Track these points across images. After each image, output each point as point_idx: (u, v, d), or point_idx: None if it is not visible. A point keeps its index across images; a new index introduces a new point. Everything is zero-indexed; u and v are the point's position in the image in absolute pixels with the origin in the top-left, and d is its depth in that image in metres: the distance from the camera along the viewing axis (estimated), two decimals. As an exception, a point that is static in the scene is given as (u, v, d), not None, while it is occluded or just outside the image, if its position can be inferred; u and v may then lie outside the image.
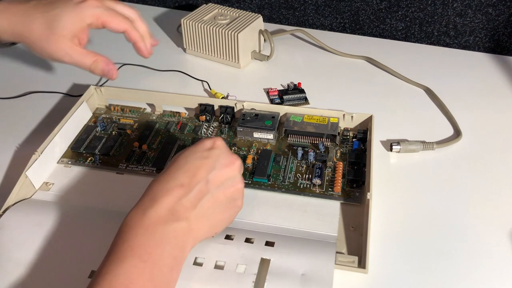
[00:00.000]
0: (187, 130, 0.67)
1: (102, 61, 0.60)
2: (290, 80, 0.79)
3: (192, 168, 0.44)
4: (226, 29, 0.78)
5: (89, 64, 0.59)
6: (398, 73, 0.78)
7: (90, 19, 0.58)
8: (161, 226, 0.41)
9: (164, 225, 0.41)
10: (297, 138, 0.64)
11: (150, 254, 0.39)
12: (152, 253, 0.39)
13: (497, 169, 0.62)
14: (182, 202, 0.42)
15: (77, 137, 0.65)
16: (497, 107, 0.72)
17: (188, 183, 0.43)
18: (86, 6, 0.57)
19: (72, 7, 0.56)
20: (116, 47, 0.88)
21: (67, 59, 0.58)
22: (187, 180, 0.43)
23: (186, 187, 0.43)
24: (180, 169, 0.44)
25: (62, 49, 0.56)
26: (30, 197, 0.57)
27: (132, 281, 0.37)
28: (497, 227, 0.54)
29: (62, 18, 0.56)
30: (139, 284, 0.37)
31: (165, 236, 0.40)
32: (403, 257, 0.51)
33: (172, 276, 0.40)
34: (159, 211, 0.41)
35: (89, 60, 0.59)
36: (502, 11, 0.82)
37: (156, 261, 0.39)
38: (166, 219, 0.41)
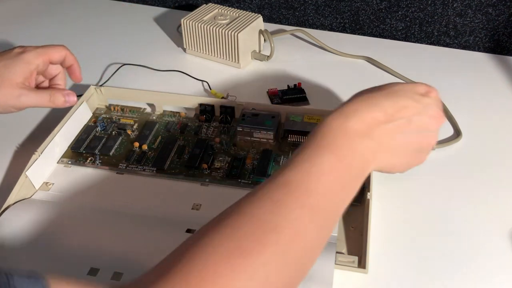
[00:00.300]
0: (187, 130, 0.67)
1: (58, 92, 0.59)
2: (290, 80, 0.79)
3: (400, 103, 0.45)
4: (226, 29, 0.78)
5: (48, 98, 0.58)
6: (398, 73, 0.78)
7: (36, 60, 0.59)
8: (357, 138, 0.42)
9: (361, 138, 0.43)
10: (297, 138, 0.64)
11: (345, 157, 0.41)
12: (347, 156, 0.41)
13: (497, 169, 0.62)
14: (381, 127, 0.44)
15: (77, 137, 0.65)
16: (497, 107, 0.72)
17: (391, 114, 0.45)
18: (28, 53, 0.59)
19: (15, 57, 0.58)
20: (116, 47, 0.88)
21: (24, 100, 0.56)
22: (391, 111, 0.45)
23: (389, 116, 0.44)
24: (389, 98, 0.46)
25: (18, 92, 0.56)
26: (30, 197, 0.57)
27: (324, 173, 0.40)
28: (497, 227, 0.54)
29: (10, 66, 0.57)
30: (329, 179, 0.40)
31: (357, 148, 0.42)
32: (403, 257, 0.51)
33: (352, 187, 0.42)
34: (360, 124, 0.43)
35: (47, 94, 0.58)
36: (502, 11, 0.82)
37: (347, 165, 0.41)
38: (363, 134, 0.43)
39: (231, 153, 0.63)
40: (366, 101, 0.45)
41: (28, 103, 0.57)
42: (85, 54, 0.86)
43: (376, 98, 0.45)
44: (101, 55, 0.85)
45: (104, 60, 0.84)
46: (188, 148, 0.64)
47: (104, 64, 0.83)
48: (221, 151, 0.64)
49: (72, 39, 0.90)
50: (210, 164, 0.61)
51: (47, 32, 0.92)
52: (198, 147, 0.63)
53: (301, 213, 0.38)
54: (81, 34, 0.92)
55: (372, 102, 0.45)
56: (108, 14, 0.98)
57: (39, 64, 0.59)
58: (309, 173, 0.40)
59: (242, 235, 0.36)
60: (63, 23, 0.95)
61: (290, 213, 0.37)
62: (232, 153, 0.63)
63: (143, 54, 0.85)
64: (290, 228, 0.37)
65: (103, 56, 0.85)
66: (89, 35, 0.92)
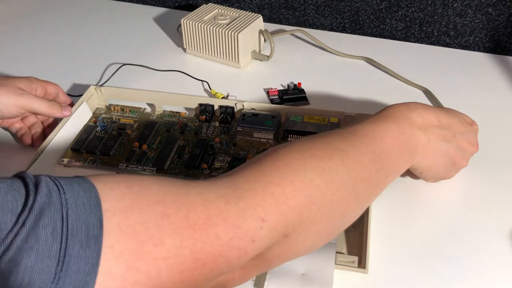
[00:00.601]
0: (187, 130, 0.67)
1: (57, 103, 0.64)
2: (290, 80, 0.79)
3: (451, 120, 0.53)
4: (226, 29, 0.78)
5: (47, 104, 0.62)
6: (397, 74, 0.78)
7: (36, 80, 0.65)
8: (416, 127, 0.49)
9: (418, 129, 0.49)
10: (297, 138, 0.64)
11: (405, 133, 0.48)
12: (406, 133, 0.48)
13: (497, 169, 0.62)
14: (434, 128, 0.51)
15: (77, 137, 0.65)
16: (497, 107, 0.72)
17: (443, 124, 0.52)
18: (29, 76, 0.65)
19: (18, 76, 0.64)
20: (116, 47, 0.88)
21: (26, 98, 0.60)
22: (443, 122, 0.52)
23: (441, 124, 0.52)
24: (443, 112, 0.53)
25: (21, 91, 0.60)
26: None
27: (387, 136, 0.47)
28: (497, 227, 0.54)
29: (14, 78, 0.62)
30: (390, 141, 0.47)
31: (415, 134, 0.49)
32: (403, 257, 0.51)
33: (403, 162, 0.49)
34: (419, 118, 0.50)
35: (46, 101, 0.62)
36: (502, 11, 0.82)
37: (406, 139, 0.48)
38: (420, 127, 0.50)
39: (231, 153, 0.63)
40: (424, 107, 0.51)
41: (29, 102, 0.60)
42: (85, 54, 0.86)
43: (432, 108, 0.52)
44: (101, 55, 0.85)
45: (104, 60, 0.84)
46: (188, 148, 0.64)
47: (104, 64, 0.83)
48: (221, 151, 0.64)
49: (72, 39, 0.90)
50: (210, 164, 0.61)
51: (47, 32, 0.92)
52: (198, 147, 0.63)
53: (365, 152, 0.44)
54: (81, 34, 0.92)
55: (429, 109, 0.52)
56: (108, 14, 0.98)
57: (39, 84, 0.64)
58: (375, 130, 0.46)
59: (315, 148, 0.42)
60: (63, 23, 0.95)
61: (356, 147, 0.44)
62: (232, 153, 0.63)
63: (143, 54, 0.85)
64: (355, 156, 0.43)
65: (103, 56, 0.85)
66: (89, 35, 0.92)
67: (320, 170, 0.40)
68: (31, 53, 0.87)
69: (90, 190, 0.32)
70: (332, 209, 0.41)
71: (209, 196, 0.35)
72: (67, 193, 0.31)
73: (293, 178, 0.39)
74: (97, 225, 0.31)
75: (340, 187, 0.41)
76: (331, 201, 0.40)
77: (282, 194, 0.37)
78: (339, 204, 0.41)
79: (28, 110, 0.61)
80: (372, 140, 0.46)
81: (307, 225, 0.39)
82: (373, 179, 0.45)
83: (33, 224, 0.29)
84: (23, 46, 0.88)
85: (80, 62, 0.84)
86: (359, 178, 0.43)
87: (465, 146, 0.54)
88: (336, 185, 0.41)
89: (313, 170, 0.40)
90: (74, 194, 0.31)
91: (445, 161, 0.53)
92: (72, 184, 0.32)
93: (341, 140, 0.44)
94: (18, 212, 0.29)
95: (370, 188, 0.45)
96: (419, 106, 0.51)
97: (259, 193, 0.37)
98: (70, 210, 0.30)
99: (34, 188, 0.31)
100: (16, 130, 0.64)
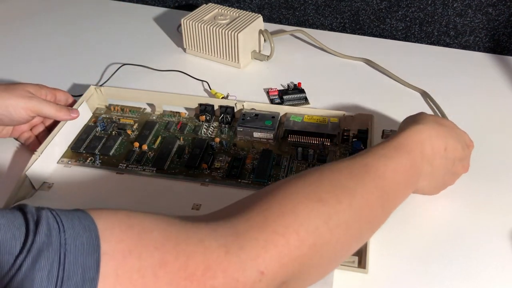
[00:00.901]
0: (187, 130, 0.67)
1: (64, 106, 0.64)
2: (290, 80, 0.79)
3: (456, 144, 0.53)
4: (226, 29, 0.78)
5: (55, 108, 0.61)
6: (396, 76, 0.78)
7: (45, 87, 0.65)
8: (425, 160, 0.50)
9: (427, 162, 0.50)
10: (297, 138, 0.64)
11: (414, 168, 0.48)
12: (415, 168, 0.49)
13: (497, 169, 0.62)
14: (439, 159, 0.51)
15: (77, 137, 0.65)
16: (497, 107, 0.72)
17: (448, 150, 0.52)
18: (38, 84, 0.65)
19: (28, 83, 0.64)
20: (116, 47, 0.88)
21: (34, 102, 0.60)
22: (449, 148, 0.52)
23: (445, 154, 0.51)
24: (451, 136, 0.52)
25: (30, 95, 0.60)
26: (30, 197, 0.57)
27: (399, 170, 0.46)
28: (497, 227, 0.54)
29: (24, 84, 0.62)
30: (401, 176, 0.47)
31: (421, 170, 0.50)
32: (403, 257, 0.51)
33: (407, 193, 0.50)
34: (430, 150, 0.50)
35: (54, 105, 0.62)
36: (502, 11, 0.82)
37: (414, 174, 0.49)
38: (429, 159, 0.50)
39: (231, 153, 0.63)
40: (437, 134, 0.51)
41: (39, 106, 0.60)
42: (85, 54, 0.86)
43: (442, 133, 0.52)
44: (101, 55, 0.85)
45: (104, 60, 0.84)
46: (188, 148, 0.64)
47: (104, 64, 0.83)
48: (221, 151, 0.64)
49: (72, 39, 0.90)
50: (210, 164, 0.61)
51: (47, 32, 0.92)
52: (198, 147, 0.63)
53: (374, 191, 0.43)
54: (81, 34, 0.92)
55: (440, 136, 0.51)
56: (108, 14, 0.98)
57: (48, 91, 0.64)
58: (387, 165, 0.46)
59: (322, 189, 0.41)
60: (63, 23, 0.95)
61: (365, 186, 0.43)
62: (232, 153, 0.63)
63: (143, 54, 0.85)
64: (363, 197, 0.42)
65: (103, 56, 0.85)
66: (89, 35, 0.92)
67: (326, 216, 0.39)
68: (31, 53, 0.87)
69: (90, 229, 0.32)
70: (334, 253, 0.40)
71: (210, 245, 0.34)
72: (67, 231, 0.31)
73: (298, 227, 0.37)
74: (94, 267, 0.30)
75: (345, 233, 0.40)
76: (335, 247, 0.40)
77: (286, 245, 0.36)
78: (341, 248, 0.41)
79: (37, 113, 0.61)
80: (382, 176, 0.45)
81: (306, 271, 0.38)
82: (378, 218, 0.45)
83: (30, 266, 0.29)
84: (23, 46, 0.88)
85: (80, 62, 0.84)
86: (365, 219, 0.43)
87: (459, 170, 0.55)
88: (341, 230, 0.40)
89: (319, 217, 0.38)
90: (74, 233, 0.31)
91: (437, 184, 0.54)
92: (73, 221, 0.32)
93: (350, 178, 0.43)
94: (16, 254, 0.29)
95: (373, 227, 0.46)
96: (432, 133, 0.51)
97: (261, 243, 0.35)
98: (68, 252, 0.30)
99: (34, 226, 0.31)
100: (25, 139, 0.65)
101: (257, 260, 0.35)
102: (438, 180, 0.54)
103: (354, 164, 0.45)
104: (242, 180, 0.59)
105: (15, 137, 0.65)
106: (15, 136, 0.65)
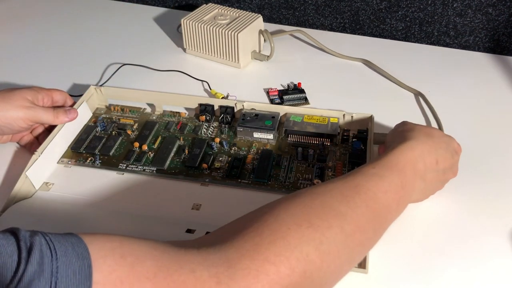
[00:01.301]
0: (187, 130, 0.67)
1: (61, 109, 0.63)
2: (290, 80, 0.79)
3: (446, 155, 0.53)
4: (226, 29, 0.78)
5: (53, 114, 0.62)
6: (393, 77, 0.78)
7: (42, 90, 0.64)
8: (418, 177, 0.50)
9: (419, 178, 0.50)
10: (297, 138, 0.64)
11: (406, 188, 0.48)
12: (407, 187, 0.48)
13: (497, 169, 0.62)
14: (431, 173, 0.51)
15: (77, 137, 0.65)
16: (497, 107, 0.72)
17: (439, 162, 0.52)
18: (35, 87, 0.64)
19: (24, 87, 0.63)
20: (116, 47, 0.88)
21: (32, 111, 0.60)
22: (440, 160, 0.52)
23: (436, 167, 0.52)
24: (441, 148, 0.53)
25: (28, 104, 0.60)
26: (30, 197, 0.57)
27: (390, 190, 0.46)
28: (497, 227, 0.54)
29: (21, 89, 0.62)
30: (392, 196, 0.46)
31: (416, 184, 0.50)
32: (403, 257, 0.51)
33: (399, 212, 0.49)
34: (423, 166, 0.50)
35: (52, 111, 0.62)
36: (502, 11, 0.82)
37: (406, 192, 0.48)
38: (421, 175, 0.50)
39: (231, 153, 0.63)
40: (429, 150, 0.51)
41: (37, 115, 0.60)
42: (85, 54, 0.86)
43: (434, 149, 0.52)
44: (101, 55, 0.85)
45: (104, 60, 0.84)
46: (188, 148, 0.64)
47: (104, 64, 0.83)
48: (221, 151, 0.64)
49: (72, 39, 0.90)
50: (210, 164, 0.61)
51: (47, 32, 0.92)
52: (198, 147, 0.63)
53: (365, 212, 0.43)
54: (81, 34, 0.92)
55: (432, 151, 0.51)
56: (108, 14, 0.98)
57: (45, 94, 0.63)
58: (378, 186, 0.45)
59: (313, 214, 0.41)
60: (63, 23, 0.95)
61: (356, 208, 0.43)
62: (232, 153, 0.63)
63: (143, 54, 0.85)
64: (354, 219, 0.42)
65: (103, 56, 0.85)
66: (89, 35, 0.92)
67: (317, 242, 0.39)
68: (31, 53, 0.87)
69: (83, 257, 0.32)
70: (325, 278, 0.40)
71: (201, 275, 0.34)
72: (60, 259, 0.31)
73: (289, 254, 0.37)
74: None
75: (336, 258, 0.40)
76: (325, 272, 0.39)
77: (277, 274, 0.36)
78: (332, 273, 0.40)
79: (36, 122, 0.61)
80: (373, 197, 0.44)
81: None
82: (369, 240, 0.45)
83: None
84: (23, 46, 0.88)
85: (80, 62, 0.84)
86: (357, 243, 0.42)
87: (448, 177, 0.55)
88: (333, 256, 0.40)
89: (310, 244, 0.38)
90: (67, 261, 0.31)
91: (428, 193, 0.55)
92: (67, 248, 0.32)
93: (341, 201, 0.43)
94: (7, 283, 0.29)
95: (365, 250, 0.46)
96: (424, 148, 0.51)
97: (252, 273, 0.35)
98: (59, 281, 0.30)
99: (27, 254, 0.30)
100: (26, 143, 0.65)
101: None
102: (430, 191, 0.54)
103: (345, 184, 0.45)
104: (242, 180, 0.59)
105: (16, 141, 0.65)
106: (15, 140, 0.65)
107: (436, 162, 0.51)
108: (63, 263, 0.31)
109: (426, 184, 0.51)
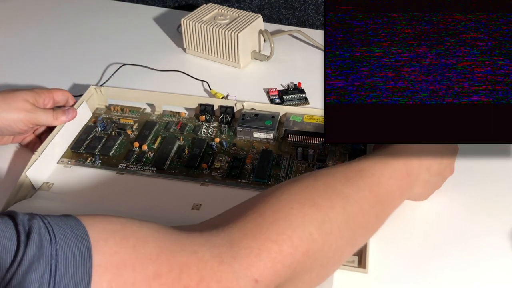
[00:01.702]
0: (187, 130, 0.67)
1: (60, 110, 0.63)
2: (290, 80, 0.79)
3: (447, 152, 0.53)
4: (226, 29, 0.78)
5: (52, 116, 0.62)
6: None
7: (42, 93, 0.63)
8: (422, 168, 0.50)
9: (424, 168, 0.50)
10: (297, 138, 0.64)
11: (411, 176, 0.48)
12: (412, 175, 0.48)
13: (497, 169, 0.62)
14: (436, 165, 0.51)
15: (77, 137, 0.65)
16: (497, 107, 0.72)
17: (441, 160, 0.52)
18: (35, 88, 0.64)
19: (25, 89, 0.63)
20: (116, 47, 0.88)
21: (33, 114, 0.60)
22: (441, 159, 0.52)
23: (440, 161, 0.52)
24: None
25: (30, 107, 0.60)
26: (30, 197, 0.57)
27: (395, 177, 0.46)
28: (497, 227, 0.54)
29: (22, 91, 0.61)
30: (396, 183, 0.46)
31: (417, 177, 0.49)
32: (403, 257, 0.51)
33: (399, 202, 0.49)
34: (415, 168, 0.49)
35: (51, 113, 0.62)
36: (502, 11, 0.82)
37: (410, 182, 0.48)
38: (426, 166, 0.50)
39: (231, 153, 0.63)
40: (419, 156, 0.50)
41: (37, 118, 0.60)
42: (85, 54, 0.86)
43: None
44: (101, 55, 0.85)
45: (104, 60, 0.84)
46: (188, 148, 0.64)
47: (104, 64, 0.83)
48: (221, 151, 0.64)
49: (72, 39, 0.90)
50: (210, 164, 0.61)
51: (47, 32, 0.92)
52: (198, 147, 0.63)
53: (368, 196, 0.43)
54: (81, 34, 0.92)
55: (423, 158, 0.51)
56: (108, 14, 0.98)
57: (46, 96, 0.63)
58: (383, 170, 0.46)
59: (316, 194, 0.41)
60: (63, 23, 0.95)
61: (359, 191, 0.43)
62: (232, 153, 0.63)
63: (143, 54, 0.85)
64: (357, 202, 0.42)
65: (103, 56, 0.85)
66: (89, 35, 0.92)
67: (320, 222, 0.39)
68: (31, 53, 0.87)
69: (82, 239, 0.32)
70: (327, 258, 0.40)
71: (203, 256, 0.34)
72: (59, 242, 0.31)
73: (291, 233, 0.37)
74: (86, 279, 0.30)
75: (338, 238, 0.40)
76: (327, 252, 0.40)
77: (279, 252, 0.36)
78: (334, 253, 0.41)
79: (36, 124, 0.62)
80: (377, 182, 0.45)
81: (299, 276, 0.38)
82: (372, 225, 0.45)
83: (20, 279, 0.29)
84: (24, 46, 0.88)
85: (80, 62, 0.84)
86: (359, 225, 0.43)
87: (447, 174, 0.55)
88: (335, 236, 0.40)
89: (312, 223, 0.38)
90: (66, 243, 0.31)
91: (429, 191, 0.55)
92: (65, 230, 0.32)
93: (344, 183, 0.43)
94: (7, 267, 0.29)
95: (367, 234, 0.46)
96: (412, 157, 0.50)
97: (255, 252, 0.35)
98: (59, 263, 0.30)
99: (26, 238, 0.30)
100: (27, 143, 0.65)
101: (250, 269, 0.35)
102: (432, 186, 0.54)
103: (349, 168, 0.45)
104: (242, 180, 0.59)
105: (17, 143, 0.65)
106: (17, 142, 0.65)
107: (441, 155, 0.51)
108: (62, 246, 0.31)
109: (430, 176, 0.51)
